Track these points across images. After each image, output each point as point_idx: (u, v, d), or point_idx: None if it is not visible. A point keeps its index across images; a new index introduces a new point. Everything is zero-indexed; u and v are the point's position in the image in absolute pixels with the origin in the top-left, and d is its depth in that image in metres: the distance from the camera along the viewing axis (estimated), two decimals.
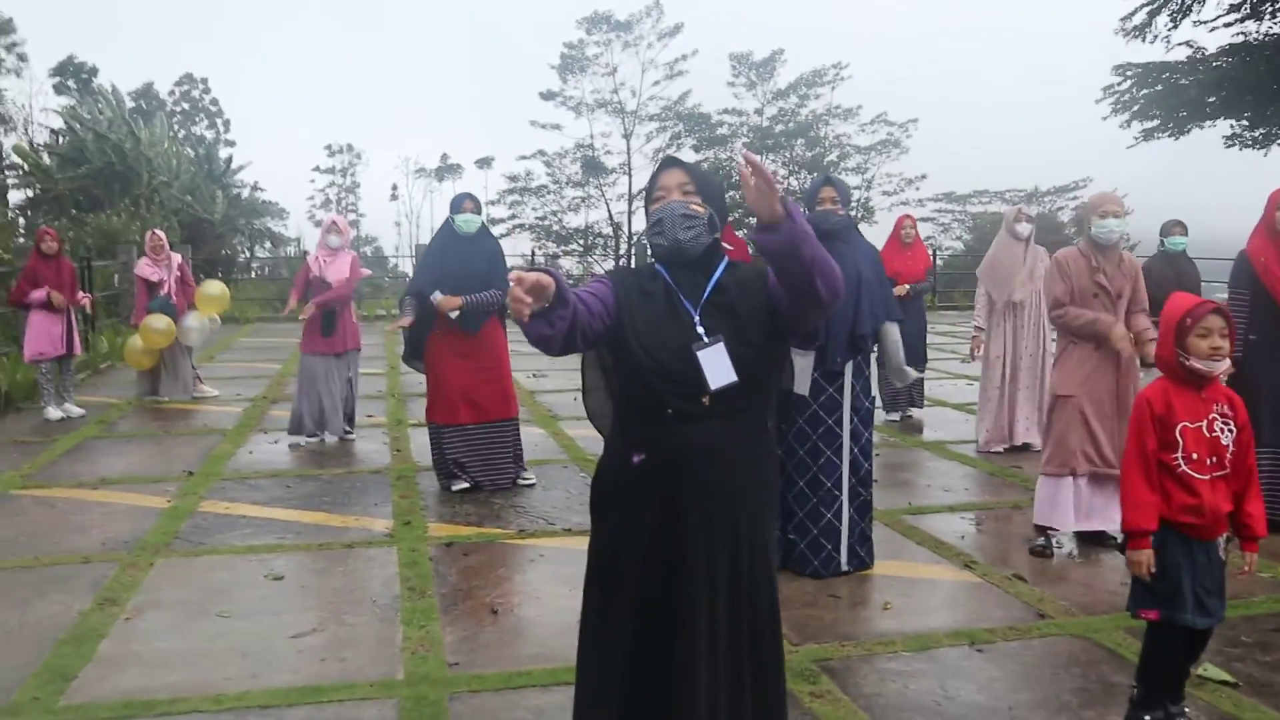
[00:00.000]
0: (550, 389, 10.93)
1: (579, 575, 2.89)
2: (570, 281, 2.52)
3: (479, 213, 6.80)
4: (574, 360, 3.04)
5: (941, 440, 8.50)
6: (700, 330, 2.62)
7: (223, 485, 6.90)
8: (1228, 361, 3.32)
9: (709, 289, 2.68)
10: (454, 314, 6.53)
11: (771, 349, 2.70)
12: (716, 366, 2.58)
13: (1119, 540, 3.48)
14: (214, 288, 10.69)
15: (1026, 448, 7.88)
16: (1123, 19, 18.43)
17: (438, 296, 6.53)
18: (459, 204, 6.77)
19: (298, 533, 5.81)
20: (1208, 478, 3.31)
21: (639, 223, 30.74)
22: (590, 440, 8.18)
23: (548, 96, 30.44)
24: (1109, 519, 5.44)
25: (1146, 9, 18.12)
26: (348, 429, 8.37)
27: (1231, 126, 18.34)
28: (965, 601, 4.82)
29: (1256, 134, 18.14)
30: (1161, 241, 8.20)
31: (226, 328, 16.00)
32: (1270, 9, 17.36)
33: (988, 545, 5.71)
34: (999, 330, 7.97)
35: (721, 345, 2.59)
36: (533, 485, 6.84)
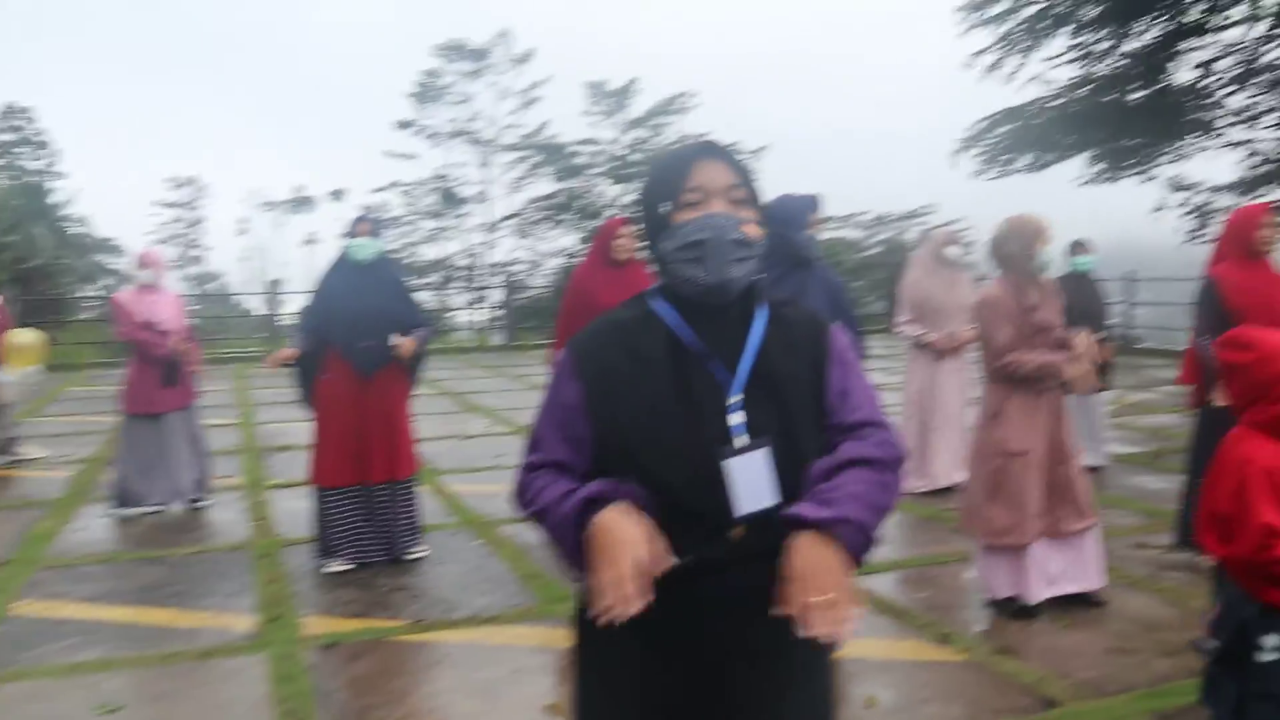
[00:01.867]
0: (429, 435, 9.88)
1: (494, 681, 2.13)
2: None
3: (377, 236, 5.77)
4: (452, 402, 2.24)
5: None
6: (737, 425, 1.74)
7: (42, 577, 5.69)
8: None
9: (751, 354, 1.79)
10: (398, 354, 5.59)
11: (818, 449, 1.81)
12: (751, 483, 1.71)
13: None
14: (23, 337, 9.19)
15: (954, 487, 7.33)
16: (974, 54, 18.58)
17: (396, 340, 5.55)
18: (354, 226, 5.76)
19: (137, 640, 4.70)
20: None
21: (499, 254, 29.87)
22: (483, 499, 7.24)
23: (403, 126, 29.35)
24: (1083, 579, 4.88)
25: (998, 48, 18.30)
26: (198, 496, 7.21)
27: (1088, 161, 18.62)
28: (956, 689, 4.10)
29: (1102, 169, 18.47)
30: (1071, 263, 7.93)
31: (54, 376, 14.34)
32: (1112, 46, 17.77)
33: (955, 609, 5.03)
34: (918, 365, 7.42)
35: (765, 452, 1.74)
36: (423, 559, 5.86)
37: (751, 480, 1.72)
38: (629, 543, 1.60)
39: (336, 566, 5.61)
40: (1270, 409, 2.66)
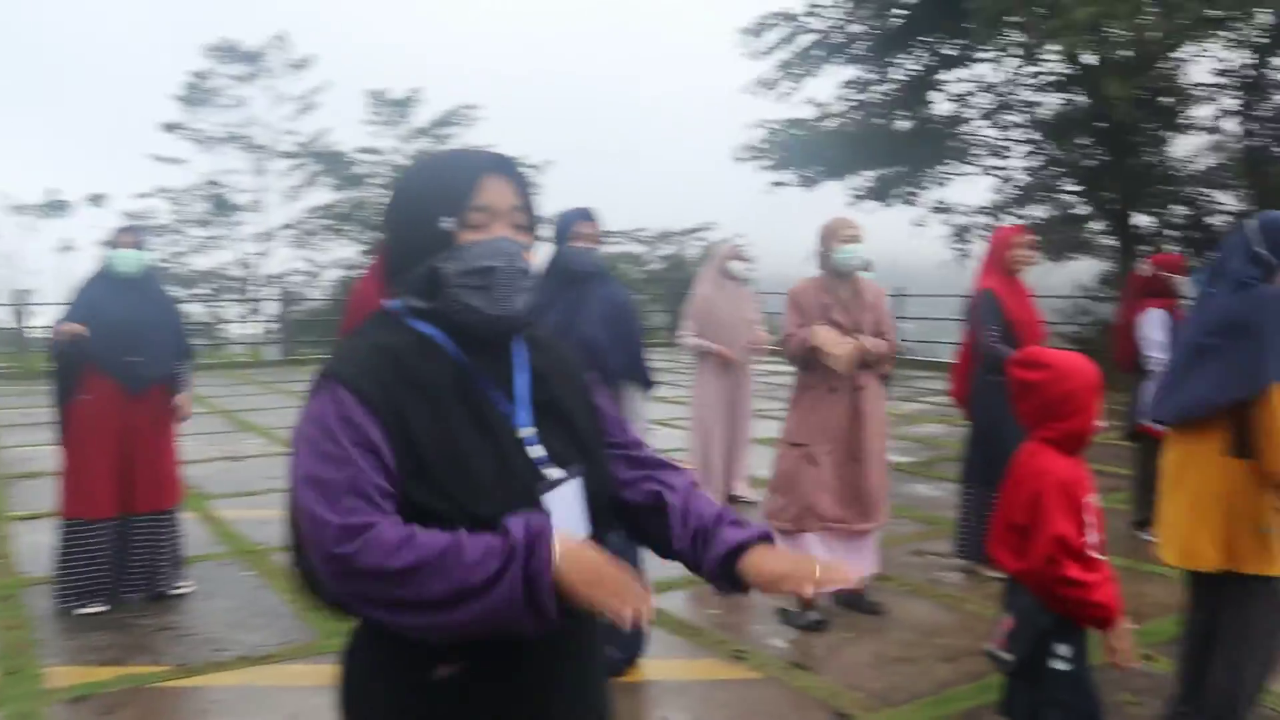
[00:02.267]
0: (198, 457, 9.23)
1: None
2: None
3: (142, 247, 5.25)
4: (223, 421, 1.93)
5: None
6: (540, 457, 1.63)
7: None
8: None
9: (527, 382, 1.68)
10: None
11: (611, 475, 1.77)
12: (566, 517, 1.61)
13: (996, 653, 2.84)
14: None
15: (740, 500, 7.46)
16: (757, 82, 19.21)
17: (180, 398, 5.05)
18: (117, 236, 5.24)
19: None
20: (1107, 561, 2.79)
21: (274, 264, 28.59)
22: (256, 525, 6.79)
23: (170, 129, 27.65)
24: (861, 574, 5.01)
25: (775, 75, 18.98)
26: None
27: (853, 184, 19.49)
28: (753, 707, 4.08)
29: (872, 191, 19.40)
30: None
31: None
32: (881, 76, 18.72)
33: (747, 624, 5.05)
34: (707, 376, 7.48)
35: (577, 483, 1.65)
36: (188, 594, 5.42)
37: (567, 514, 1.62)
38: (601, 558, 1.49)
39: (89, 608, 5.11)
40: (1062, 425, 2.75)
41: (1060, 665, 2.71)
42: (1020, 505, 2.75)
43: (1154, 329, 6.26)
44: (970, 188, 25.06)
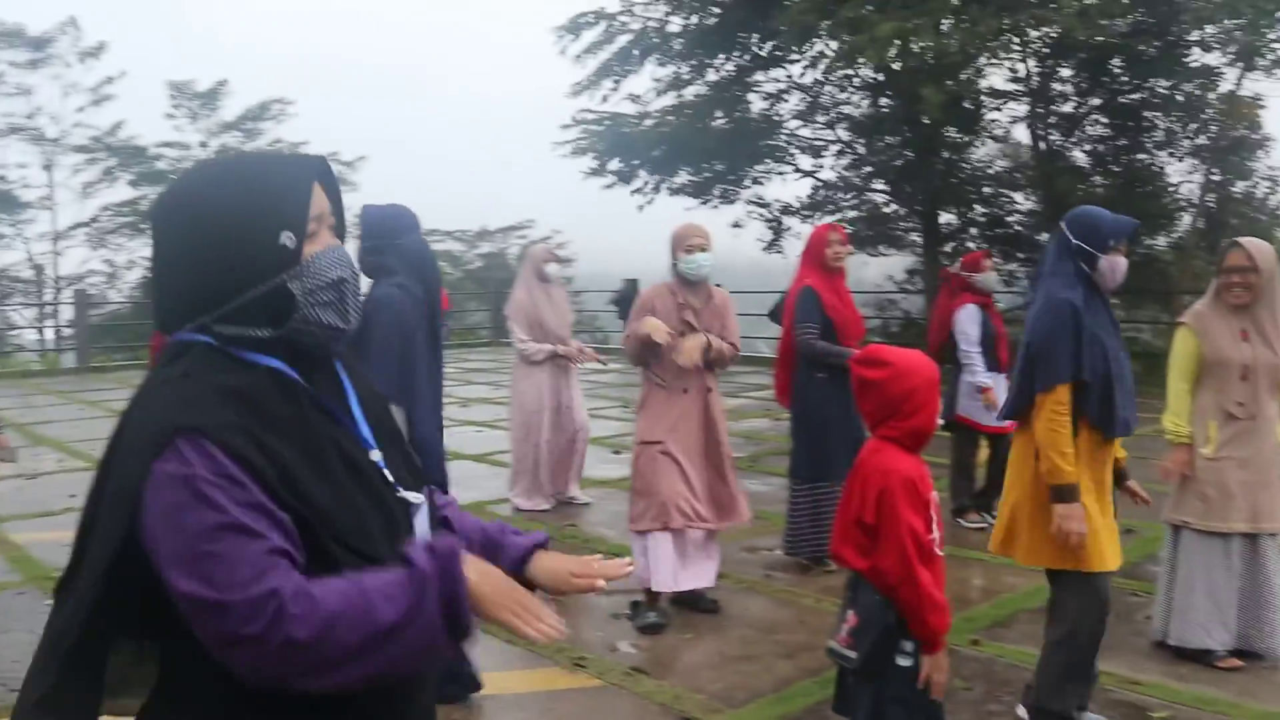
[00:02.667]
0: None
1: None
2: None
3: None
4: (15, 435, 1.72)
5: (478, 500, 7.67)
6: (390, 477, 1.54)
7: None
8: None
9: (357, 404, 1.57)
10: None
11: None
12: (424, 537, 1.57)
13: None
14: None
15: (572, 501, 7.39)
16: (575, 84, 19.20)
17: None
18: None
19: None
20: (943, 555, 2.83)
21: (67, 265, 26.84)
22: (55, 549, 6.29)
23: None
24: (701, 576, 5.04)
25: (592, 77, 19.00)
26: None
27: (673, 184, 19.70)
28: (594, 717, 4.02)
29: (691, 191, 19.68)
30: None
31: None
32: (697, 75, 18.99)
33: (585, 630, 4.98)
34: (534, 379, 7.37)
35: (425, 506, 1.60)
36: None
37: (423, 538, 1.56)
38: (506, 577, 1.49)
39: None
40: (903, 424, 2.78)
41: (904, 662, 2.75)
42: (868, 503, 2.77)
43: (969, 324, 6.53)
44: (786, 186, 25.74)
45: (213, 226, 1.40)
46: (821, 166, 19.76)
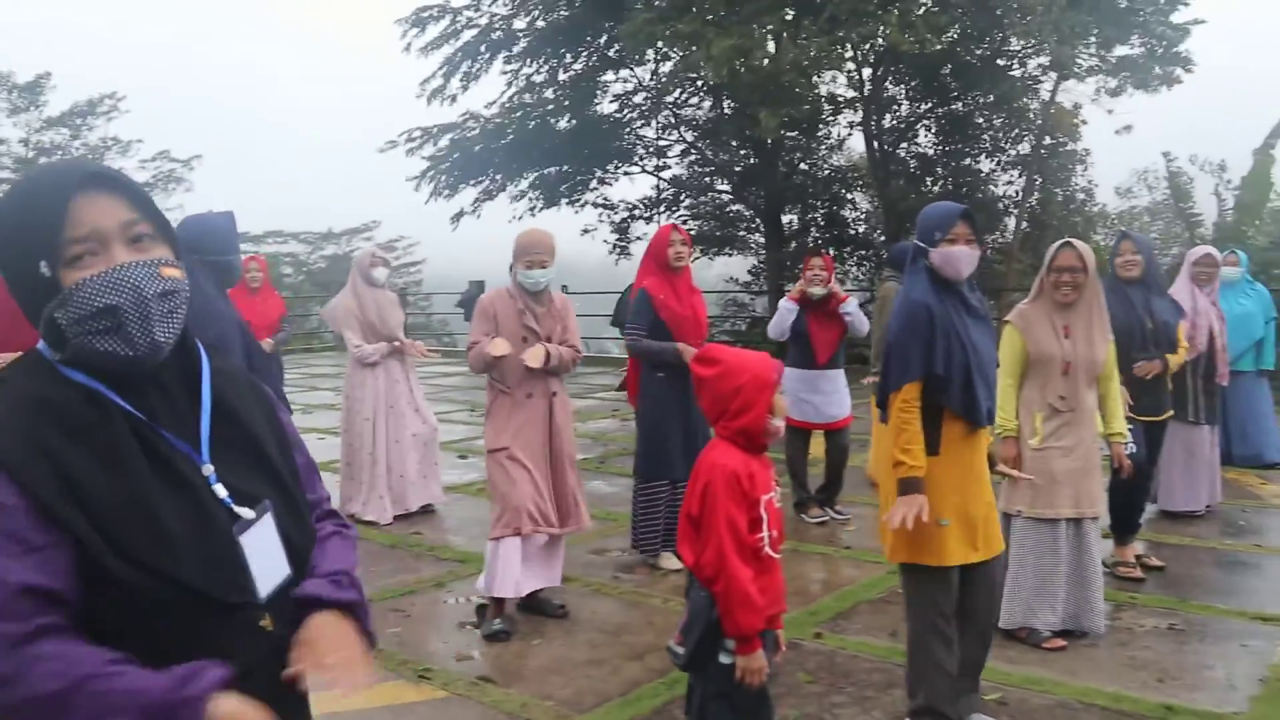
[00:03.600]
0: None
1: None
2: None
3: None
4: None
5: None
6: (225, 497, 1.45)
7: None
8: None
9: (208, 414, 1.49)
10: None
11: (307, 506, 1.64)
12: (264, 558, 1.46)
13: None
14: None
15: (428, 510, 7.22)
16: (422, 82, 18.86)
17: None
18: None
19: None
20: (779, 555, 2.85)
21: None
22: None
23: None
24: (544, 577, 5.03)
25: (441, 73, 18.72)
26: None
27: (520, 185, 19.57)
28: None
29: (539, 193, 19.62)
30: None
31: None
32: (547, 74, 18.95)
33: (430, 640, 4.87)
34: (367, 387, 7.16)
35: (269, 520, 1.49)
36: None
37: (264, 556, 1.47)
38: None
39: None
40: (733, 423, 2.79)
41: (726, 659, 2.75)
42: (694, 497, 2.78)
43: (780, 314, 6.71)
44: (632, 187, 25.82)
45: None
46: (667, 166, 19.96)
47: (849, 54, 15.94)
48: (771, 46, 14.56)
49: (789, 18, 15.23)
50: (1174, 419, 5.93)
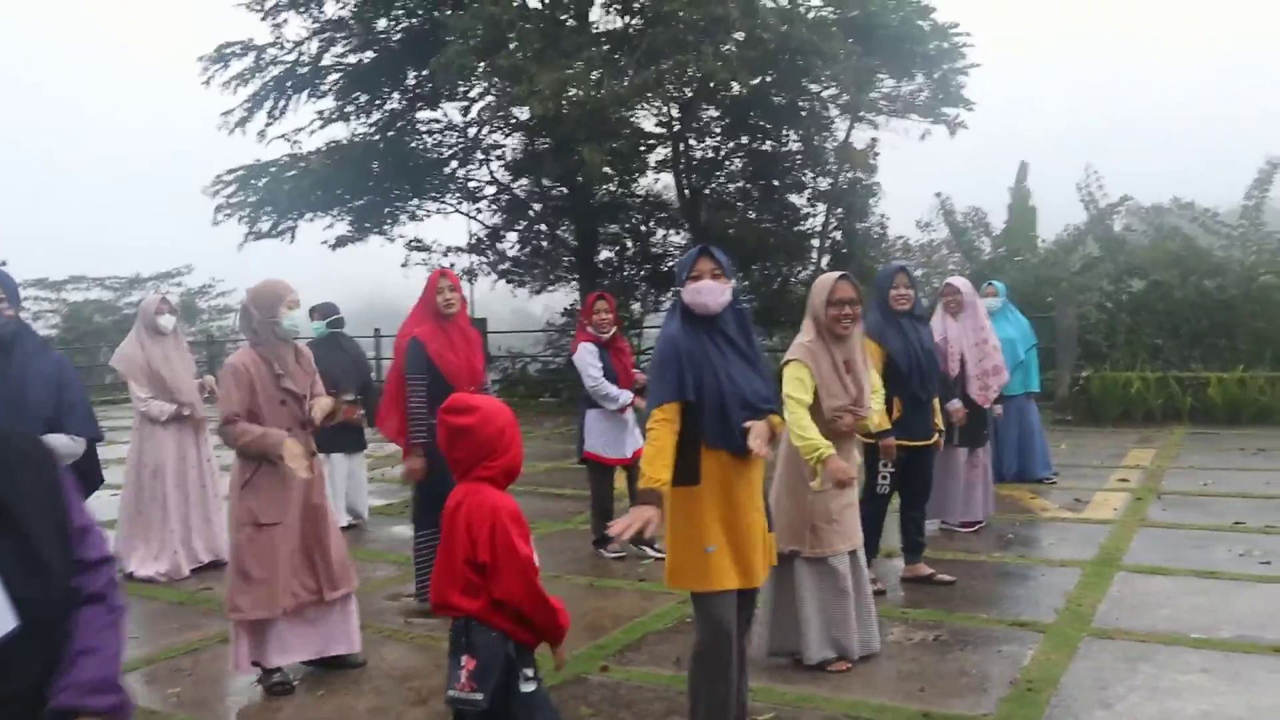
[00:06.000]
0: None
1: None
2: None
3: None
4: None
5: None
6: None
7: None
8: None
9: None
10: None
11: (63, 562, 1.67)
12: None
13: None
14: None
15: (217, 564, 6.96)
16: (223, 114, 18.36)
17: None
18: None
19: None
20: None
21: None
22: None
23: None
24: (347, 641, 4.89)
25: (245, 106, 18.28)
26: None
27: (331, 222, 19.25)
28: None
29: (351, 229, 19.35)
30: (315, 328, 7.95)
31: None
32: (358, 112, 18.76)
33: (212, 700, 4.71)
34: (156, 438, 6.89)
35: None
36: None
37: None
38: None
39: None
40: (495, 462, 2.89)
41: (528, 687, 2.85)
42: (480, 542, 2.82)
43: (586, 361, 6.80)
44: (447, 225, 25.65)
45: None
46: (480, 210, 20.00)
47: (666, 88, 16.35)
48: (594, 78, 14.77)
49: (606, 50, 15.54)
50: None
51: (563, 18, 17.04)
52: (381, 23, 17.87)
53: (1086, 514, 7.80)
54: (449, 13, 16.16)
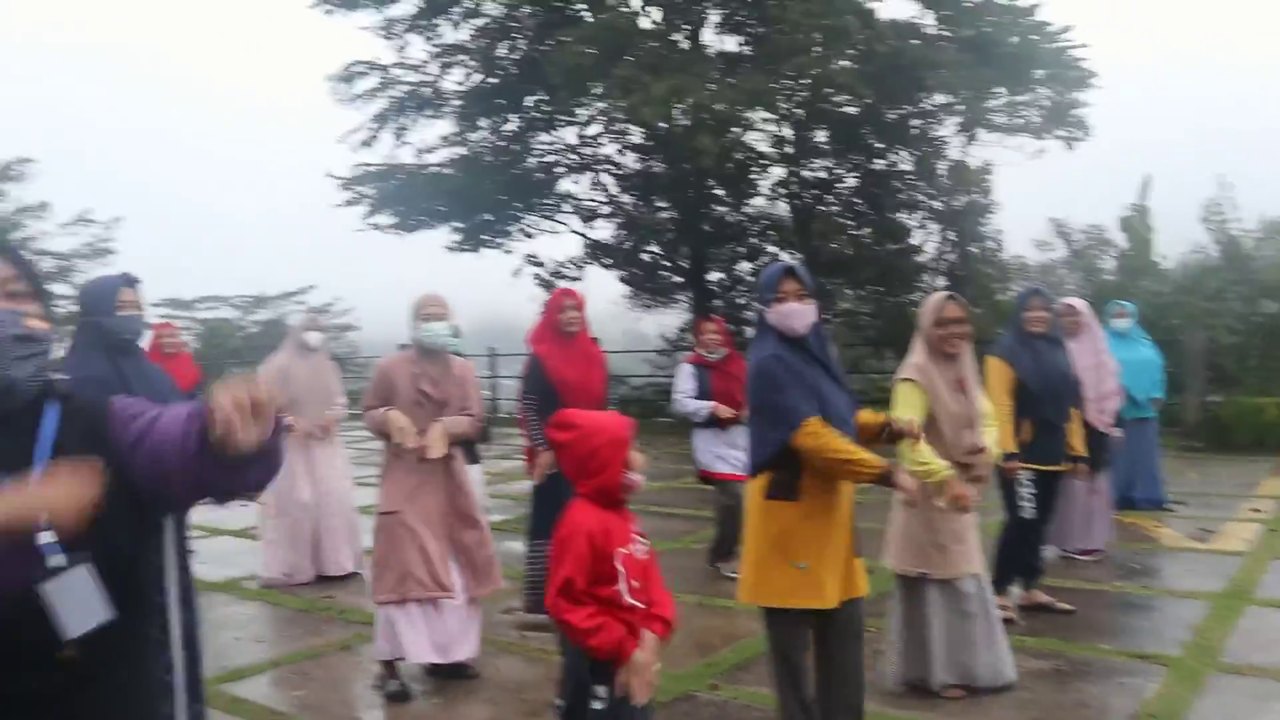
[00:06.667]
0: None
1: None
2: None
3: None
4: None
5: (233, 578, 7.40)
6: (49, 544, 1.54)
7: None
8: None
9: (44, 461, 1.60)
10: None
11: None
12: (77, 602, 1.55)
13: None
14: None
15: (353, 577, 7.19)
16: (349, 133, 19.04)
17: None
18: None
19: None
20: (644, 605, 2.96)
21: None
22: None
23: None
24: (461, 649, 4.99)
25: (369, 127, 18.94)
26: None
27: (452, 231, 19.77)
28: None
29: (471, 237, 19.83)
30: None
31: None
32: (477, 131, 19.24)
33: (334, 703, 4.88)
34: (297, 452, 7.19)
35: (87, 568, 1.57)
36: None
37: (77, 599, 1.56)
38: None
39: None
40: (592, 481, 2.91)
41: (598, 705, 2.86)
42: (555, 558, 2.90)
43: (681, 380, 6.90)
44: (559, 244, 25.96)
45: None
46: (594, 227, 20.26)
47: (782, 103, 16.36)
48: (710, 89, 14.90)
49: (722, 66, 15.66)
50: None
51: (674, 38, 17.21)
52: (501, 49, 18.33)
53: (1215, 545, 7.51)
54: (562, 41, 16.51)
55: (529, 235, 20.12)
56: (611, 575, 2.86)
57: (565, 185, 20.03)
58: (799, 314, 3.65)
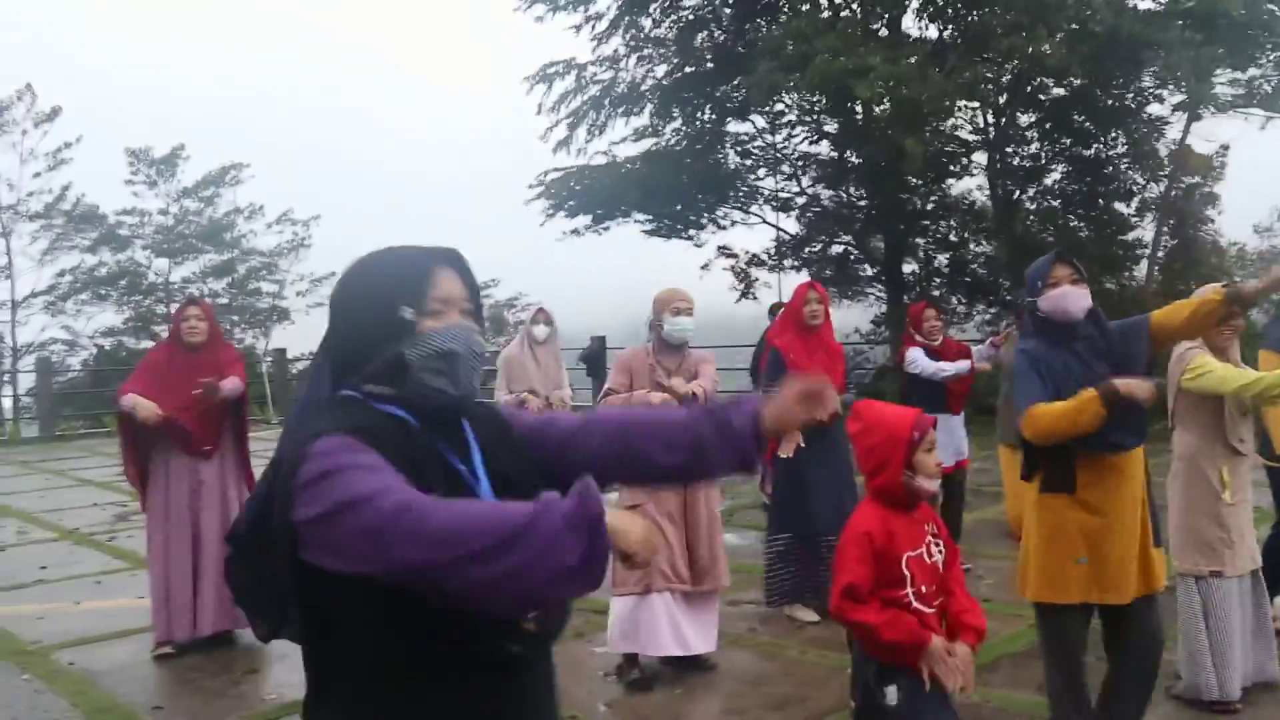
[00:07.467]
0: None
1: None
2: None
3: None
4: None
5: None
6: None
7: None
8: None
9: (480, 457, 1.77)
10: None
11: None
12: None
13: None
14: None
15: None
16: (546, 131, 19.46)
17: None
18: None
19: None
20: (934, 610, 2.86)
21: (27, 333, 26.42)
22: (26, 622, 6.18)
23: None
24: (703, 640, 4.98)
25: (566, 124, 19.30)
26: None
27: (648, 220, 20.00)
28: None
29: (663, 225, 20.02)
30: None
31: None
32: (670, 124, 19.38)
33: (573, 687, 4.95)
34: None
35: None
36: None
37: None
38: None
39: None
40: (874, 479, 2.84)
41: (893, 702, 2.79)
42: (837, 560, 2.86)
43: (916, 359, 6.76)
44: (751, 235, 25.81)
45: (354, 304, 1.75)
46: (787, 217, 20.11)
47: (985, 88, 15.83)
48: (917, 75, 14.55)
49: (922, 59, 15.25)
50: None
51: (874, 26, 16.86)
52: (699, 38, 18.41)
53: None
54: (760, 28, 16.39)
55: (721, 227, 20.13)
56: (899, 579, 2.79)
57: (758, 175, 19.96)
58: (1074, 296, 3.51)
